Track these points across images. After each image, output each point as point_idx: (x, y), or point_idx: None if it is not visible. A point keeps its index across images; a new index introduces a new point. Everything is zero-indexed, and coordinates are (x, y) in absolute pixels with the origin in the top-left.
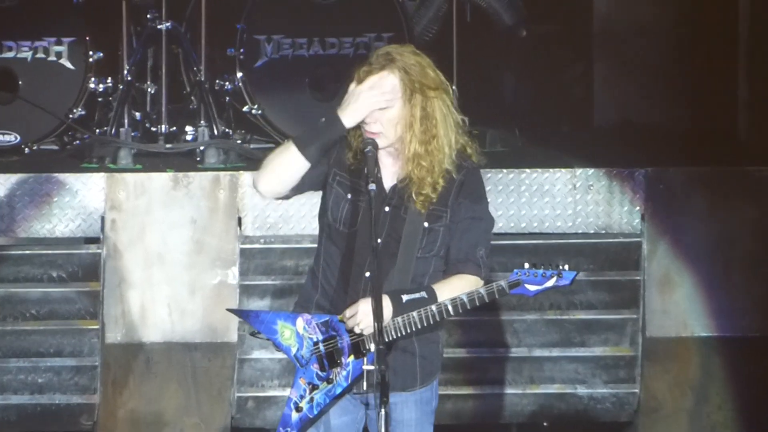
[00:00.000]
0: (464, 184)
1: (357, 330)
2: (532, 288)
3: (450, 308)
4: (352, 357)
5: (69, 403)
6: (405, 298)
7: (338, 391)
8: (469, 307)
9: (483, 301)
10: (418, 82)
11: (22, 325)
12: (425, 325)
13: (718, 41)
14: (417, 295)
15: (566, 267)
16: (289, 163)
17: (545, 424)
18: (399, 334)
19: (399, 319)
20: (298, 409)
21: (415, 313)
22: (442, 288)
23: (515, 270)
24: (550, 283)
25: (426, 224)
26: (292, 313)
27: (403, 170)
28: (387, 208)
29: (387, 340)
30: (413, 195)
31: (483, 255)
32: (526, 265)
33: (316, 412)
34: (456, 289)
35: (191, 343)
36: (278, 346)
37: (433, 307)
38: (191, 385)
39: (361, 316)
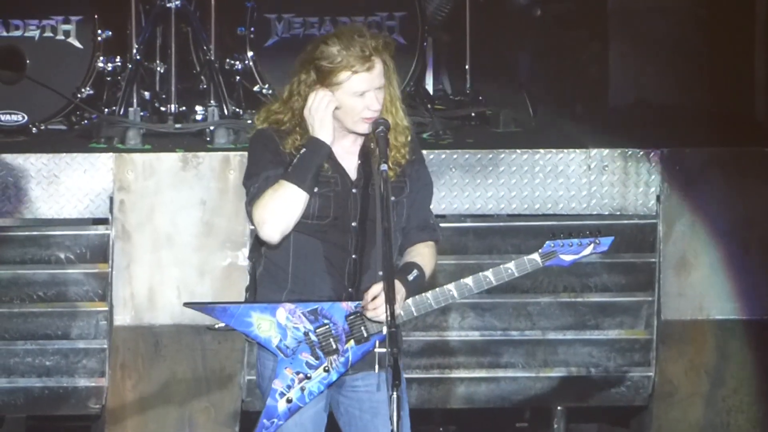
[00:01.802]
0: (414, 150)
1: (381, 318)
2: (568, 258)
3: (473, 286)
4: (352, 342)
5: (77, 386)
6: (410, 278)
7: (335, 378)
8: (495, 284)
9: (512, 277)
10: (390, 60)
11: (30, 307)
12: (440, 305)
13: (735, 21)
14: (415, 273)
15: (600, 232)
16: (292, 202)
17: (559, 407)
18: (409, 316)
19: (410, 301)
20: (287, 399)
21: (430, 294)
22: (421, 261)
23: (547, 242)
24: (587, 250)
25: (393, 198)
26: (270, 304)
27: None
28: (354, 190)
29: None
30: (389, 164)
31: (434, 218)
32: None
33: (308, 401)
34: (430, 258)
35: (201, 325)
36: (254, 339)
37: (452, 286)
38: (201, 369)
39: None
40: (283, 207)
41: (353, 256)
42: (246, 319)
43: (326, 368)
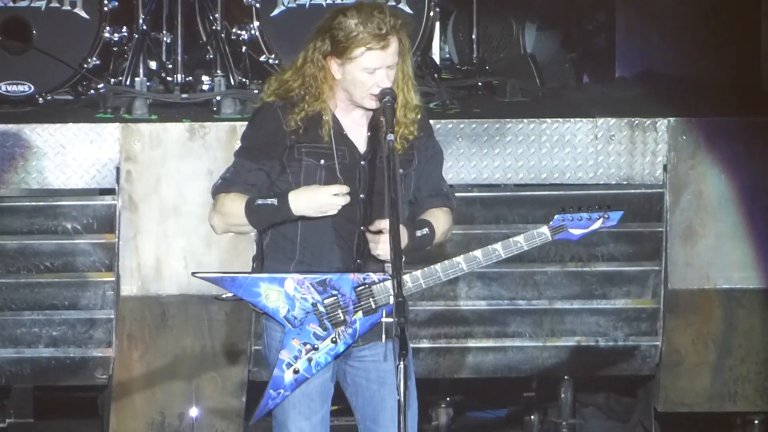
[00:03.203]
0: (422, 123)
1: (376, 251)
2: (577, 232)
3: (482, 259)
4: (360, 314)
5: (84, 356)
6: (417, 233)
7: (342, 349)
8: (504, 257)
9: (521, 250)
10: (406, 38)
11: (36, 277)
12: (449, 277)
13: None
14: (425, 231)
15: (609, 207)
16: (240, 225)
17: (566, 377)
18: (416, 288)
19: (419, 273)
20: (294, 370)
21: (438, 266)
22: (434, 221)
23: (556, 216)
24: (596, 225)
25: (401, 171)
26: (278, 275)
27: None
28: (363, 163)
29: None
30: (397, 137)
31: (448, 186)
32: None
33: (315, 372)
34: (444, 222)
35: (207, 295)
36: (261, 309)
37: (461, 259)
38: (207, 339)
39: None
40: (233, 226)
41: (361, 228)
42: (254, 289)
43: (334, 339)
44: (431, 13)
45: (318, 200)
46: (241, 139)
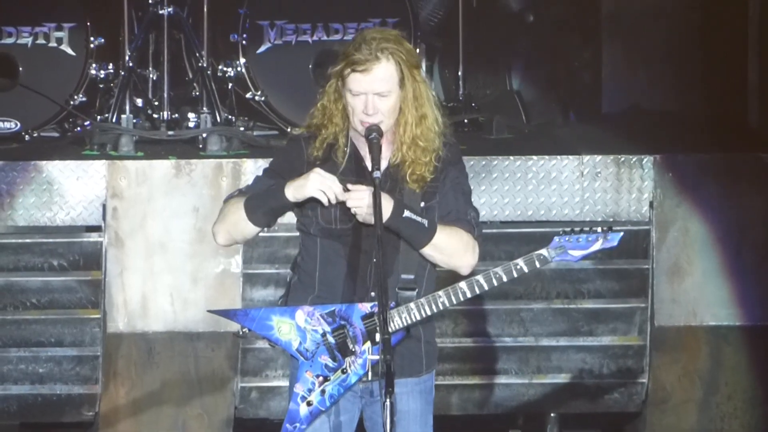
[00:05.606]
0: (449, 157)
1: (350, 203)
2: (577, 253)
3: (483, 282)
4: (368, 344)
5: (70, 393)
6: (407, 213)
7: (354, 380)
8: (505, 280)
9: (521, 273)
10: (408, 65)
11: (23, 314)
12: (453, 303)
13: (728, 26)
14: (418, 219)
15: (610, 228)
16: (239, 223)
17: (552, 414)
18: (422, 315)
19: (423, 300)
20: (308, 403)
21: (441, 292)
22: (444, 225)
23: (555, 237)
24: (596, 246)
25: (423, 203)
26: (289, 307)
27: (397, 153)
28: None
29: (409, 322)
30: (407, 177)
31: (474, 216)
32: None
33: (329, 404)
34: (453, 233)
35: (194, 332)
36: (275, 343)
37: (463, 284)
38: (194, 376)
39: (364, 196)
40: (232, 226)
41: (374, 260)
42: (266, 322)
43: (344, 370)
44: (417, 50)
45: (308, 178)
46: None
